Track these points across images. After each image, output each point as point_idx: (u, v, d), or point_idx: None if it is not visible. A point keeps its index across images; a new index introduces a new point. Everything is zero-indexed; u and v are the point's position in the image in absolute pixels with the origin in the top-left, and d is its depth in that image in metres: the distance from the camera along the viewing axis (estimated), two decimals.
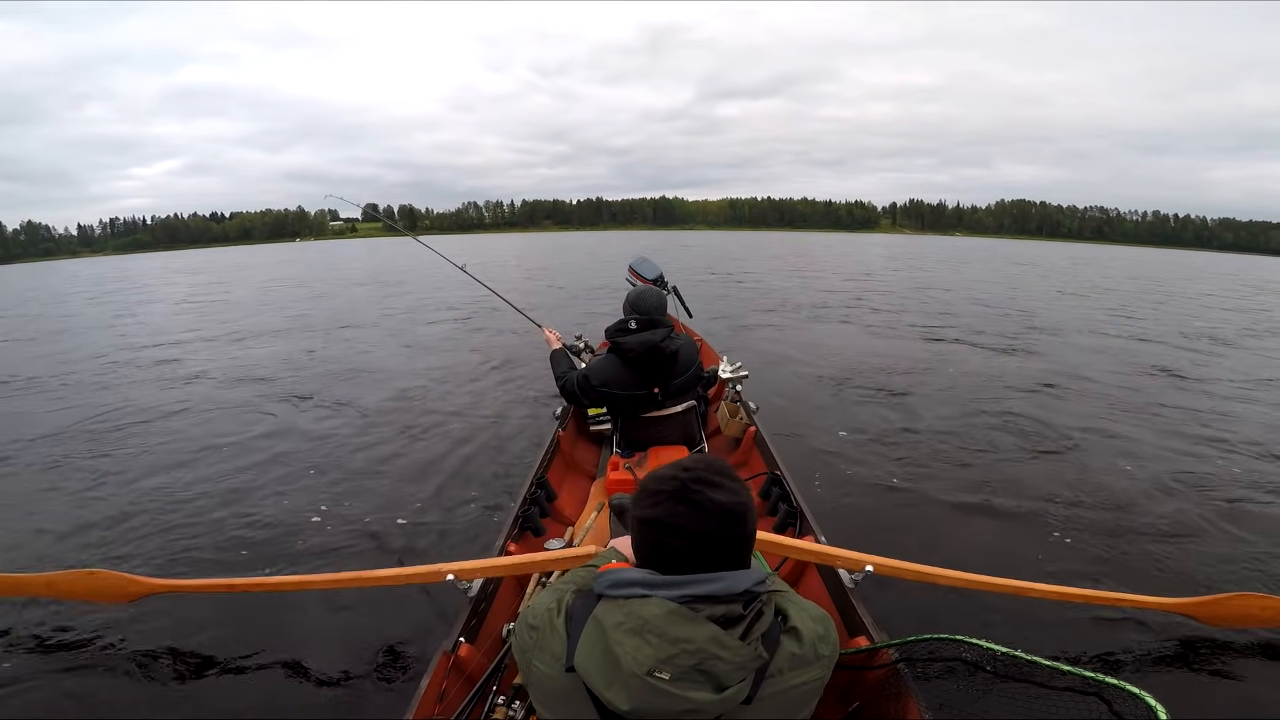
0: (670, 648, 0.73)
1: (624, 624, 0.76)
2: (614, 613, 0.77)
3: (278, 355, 6.99)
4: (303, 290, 15.58)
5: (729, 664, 0.73)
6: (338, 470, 3.54)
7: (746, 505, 0.82)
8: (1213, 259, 55.21)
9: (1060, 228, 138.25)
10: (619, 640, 0.75)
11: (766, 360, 6.16)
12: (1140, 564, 2.45)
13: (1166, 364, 6.39)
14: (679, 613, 0.75)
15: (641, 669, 0.73)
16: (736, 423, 2.84)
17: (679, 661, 0.73)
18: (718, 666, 0.73)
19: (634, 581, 0.79)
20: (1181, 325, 9.41)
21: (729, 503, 0.79)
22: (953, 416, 4.41)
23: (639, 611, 0.76)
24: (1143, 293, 15.23)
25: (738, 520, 0.80)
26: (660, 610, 0.75)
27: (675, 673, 0.73)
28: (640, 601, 0.77)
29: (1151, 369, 6.16)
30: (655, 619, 0.74)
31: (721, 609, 0.76)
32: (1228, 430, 4.21)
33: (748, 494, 0.83)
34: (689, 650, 0.73)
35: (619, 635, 0.75)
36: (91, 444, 4.09)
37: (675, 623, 0.74)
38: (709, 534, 0.78)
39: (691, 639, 0.73)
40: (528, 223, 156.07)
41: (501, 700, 1.29)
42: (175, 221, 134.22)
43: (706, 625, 0.74)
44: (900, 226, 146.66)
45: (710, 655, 0.73)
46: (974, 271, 20.84)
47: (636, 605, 0.76)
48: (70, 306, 14.36)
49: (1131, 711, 0.84)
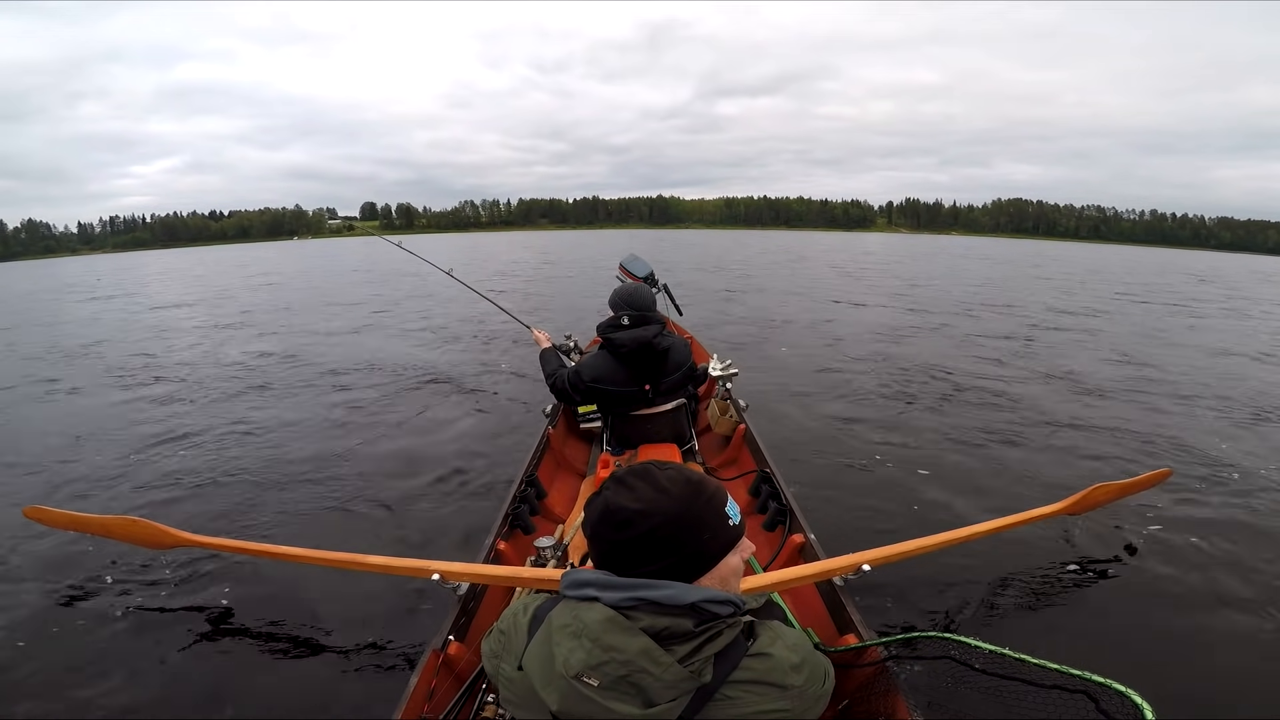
0: (601, 654, 0.72)
1: (568, 626, 0.76)
2: (564, 614, 0.78)
3: (259, 350, 6.98)
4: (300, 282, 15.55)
5: (658, 680, 0.72)
6: (320, 461, 3.55)
7: (641, 512, 0.78)
8: (1199, 257, 55.75)
9: (1057, 227, 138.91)
10: (559, 641, 0.76)
11: (757, 358, 6.21)
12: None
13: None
14: (615, 621, 0.74)
15: (570, 672, 0.73)
16: (726, 420, 2.83)
17: (608, 670, 0.72)
18: (646, 681, 0.71)
19: (588, 582, 0.79)
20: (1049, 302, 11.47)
21: (633, 508, 0.78)
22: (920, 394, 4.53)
23: (582, 615, 0.76)
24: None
25: (621, 525, 0.78)
26: (599, 616, 0.75)
27: (604, 680, 0.72)
28: (587, 605, 0.77)
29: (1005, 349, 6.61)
30: (592, 624, 0.74)
31: (665, 621, 0.74)
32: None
33: (676, 502, 0.79)
34: (619, 660, 0.72)
35: (560, 636, 0.76)
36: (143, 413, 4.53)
37: (609, 630, 0.73)
38: (619, 542, 0.79)
39: (622, 649, 0.72)
40: (524, 221, 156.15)
41: (491, 699, 1.28)
42: (174, 220, 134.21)
43: (640, 637, 0.73)
44: (896, 225, 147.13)
45: (639, 669, 0.72)
46: (926, 265, 21.95)
47: (583, 609, 0.77)
48: (87, 308, 14.26)
49: (1118, 709, 0.83)
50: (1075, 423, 4.23)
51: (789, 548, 1.93)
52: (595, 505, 0.83)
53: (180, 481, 3.29)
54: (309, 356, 6.66)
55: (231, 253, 53.69)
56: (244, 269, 25.00)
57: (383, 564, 1.62)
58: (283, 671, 1.89)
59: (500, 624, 0.90)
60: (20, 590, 2.29)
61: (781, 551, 1.94)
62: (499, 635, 0.89)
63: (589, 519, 0.83)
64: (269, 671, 1.89)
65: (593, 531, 0.82)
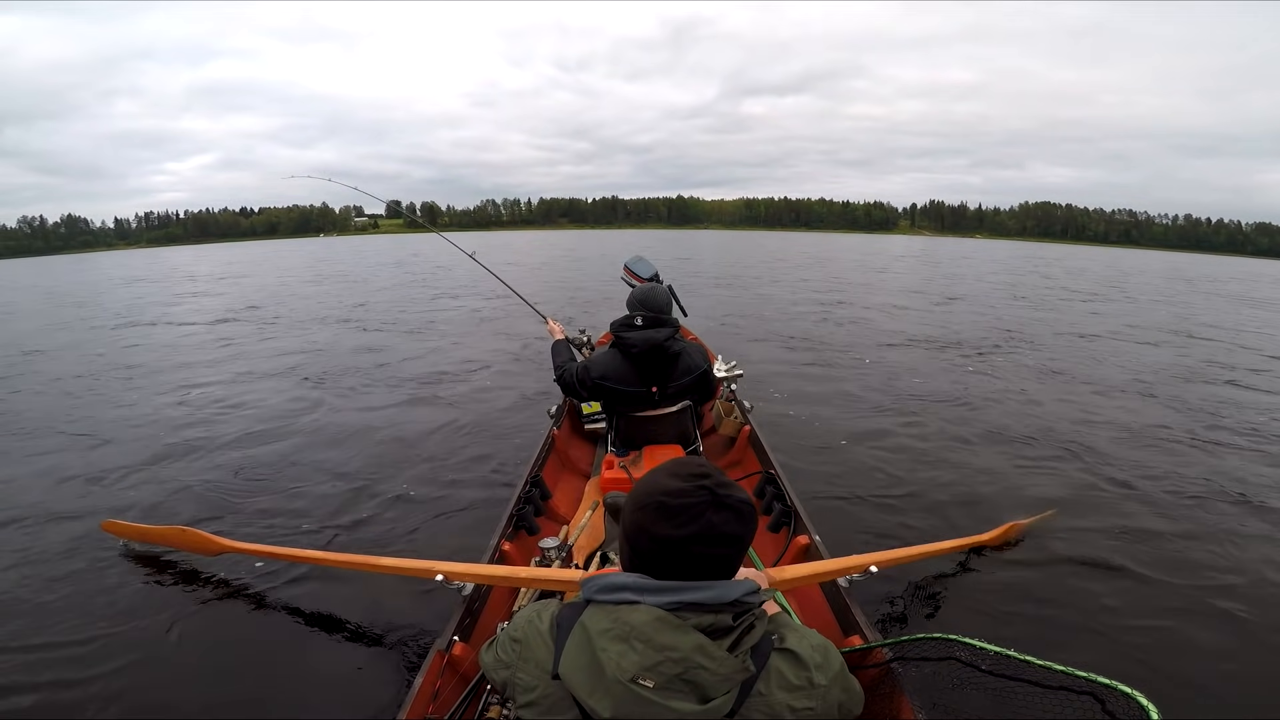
0: (655, 655, 0.72)
1: (610, 630, 0.74)
2: (601, 619, 0.76)
3: (271, 351, 7.14)
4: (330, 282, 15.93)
5: (714, 674, 0.72)
6: (322, 460, 3.59)
7: (748, 502, 0.81)
8: (1225, 263, 54.14)
9: (1085, 231, 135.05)
10: (604, 646, 0.74)
11: (760, 357, 6.20)
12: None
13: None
14: (666, 620, 0.73)
15: (625, 676, 0.71)
16: (731, 422, 2.81)
17: (663, 670, 0.71)
18: (702, 676, 0.72)
19: (624, 586, 0.78)
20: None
21: (749, 499, 0.81)
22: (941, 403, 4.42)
23: (626, 618, 0.74)
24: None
25: (755, 516, 0.82)
26: (648, 617, 0.73)
27: (659, 681, 0.71)
28: (629, 608, 0.75)
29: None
30: (642, 625, 0.73)
31: (710, 618, 0.75)
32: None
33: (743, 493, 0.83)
34: (674, 659, 0.71)
35: (604, 641, 0.74)
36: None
37: (661, 630, 0.73)
38: (746, 535, 0.79)
39: (677, 647, 0.72)
40: (544, 221, 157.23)
41: (495, 699, 1.29)
42: (205, 216, 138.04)
43: (693, 634, 0.73)
44: (919, 228, 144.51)
45: (695, 665, 0.72)
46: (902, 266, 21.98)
47: (624, 612, 0.75)
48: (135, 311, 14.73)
49: (1124, 711, 0.82)
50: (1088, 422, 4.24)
51: (794, 549, 1.92)
52: (739, 510, 0.78)
53: (222, 486, 3.31)
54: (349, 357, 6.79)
55: (266, 249, 55.01)
56: (302, 265, 25.39)
57: (391, 565, 1.65)
58: (288, 671, 1.91)
59: (512, 632, 0.88)
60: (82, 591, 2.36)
61: (786, 553, 1.93)
62: (511, 644, 0.86)
63: (728, 529, 0.78)
64: (276, 671, 1.92)
65: (743, 532, 0.79)
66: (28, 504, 3.07)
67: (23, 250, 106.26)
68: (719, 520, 0.76)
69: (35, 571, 2.46)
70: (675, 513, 0.77)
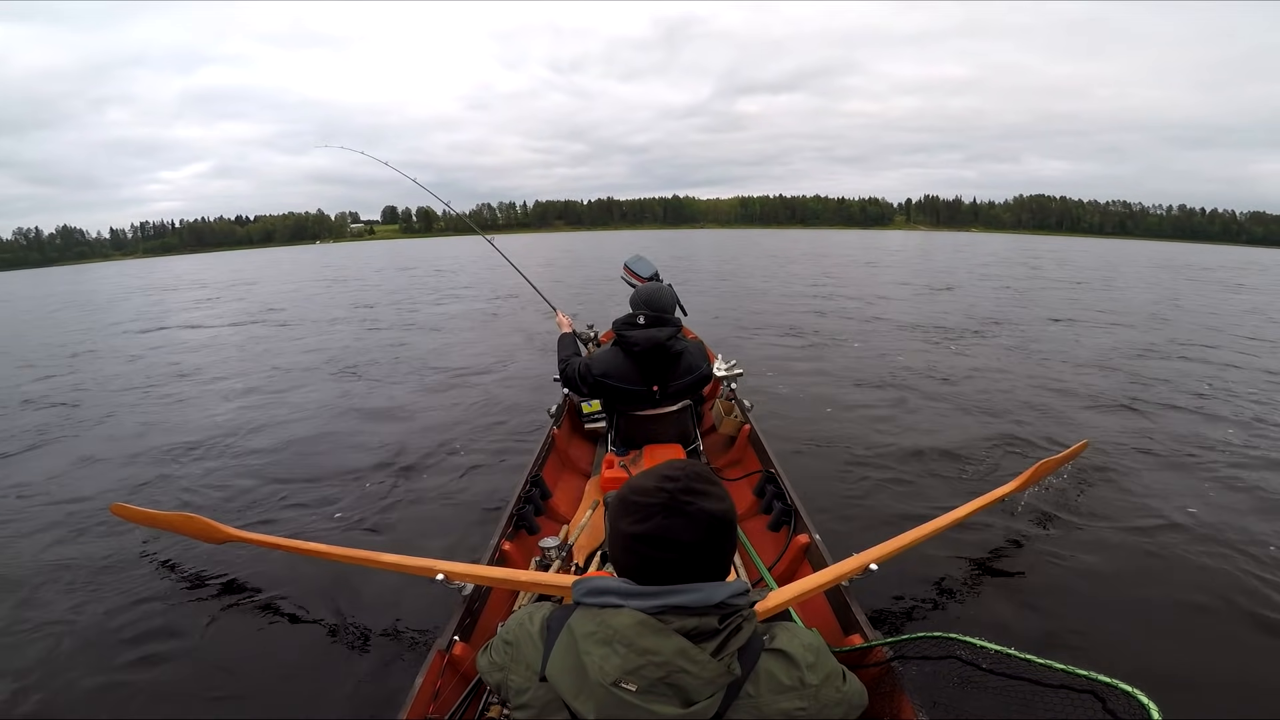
0: (637, 659, 0.72)
1: (595, 633, 0.75)
2: (587, 622, 0.77)
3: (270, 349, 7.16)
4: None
5: (697, 679, 0.72)
6: (323, 457, 3.63)
7: (733, 512, 0.81)
8: (1217, 251, 54.16)
9: (1080, 223, 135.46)
10: (588, 650, 0.74)
11: (761, 357, 6.20)
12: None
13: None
14: (648, 624, 0.74)
15: (607, 679, 0.72)
16: (731, 421, 2.80)
17: (646, 673, 0.72)
18: (685, 680, 0.72)
19: (609, 590, 0.78)
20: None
21: (718, 511, 0.79)
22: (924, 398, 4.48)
23: (609, 621, 0.75)
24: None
25: (728, 528, 0.80)
26: (630, 620, 0.74)
27: (642, 684, 0.72)
28: (612, 612, 0.76)
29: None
30: (624, 629, 0.74)
31: (694, 621, 0.75)
32: None
33: (731, 499, 0.82)
34: (656, 662, 0.72)
35: (589, 645, 0.75)
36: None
37: (643, 633, 0.73)
38: (699, 544, 0.77)
39: (659, 651, 0.72)
40: (540, 223, 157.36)
41: (496, 700, 1.28)
42: (201, 225, 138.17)
43: (675, 638, 0.73)
44: (915, 223, 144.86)
45: (677, 669, 0.72)
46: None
47: (609, 615, 0.76)
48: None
49: (1125, 709, 0.82)
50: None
51: (794, 548, 1.91)
52: (693, 517, 0.78)
53: (228, 471, 3.50)
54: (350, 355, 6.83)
55: (265, 257, 55.20)
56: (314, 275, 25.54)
57: (392, 562, 1.64)
58: (288, 668, 1.91)
59: (504, 634, 0.89)
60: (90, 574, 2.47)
61: (787, 552, 1.92)
62: (504, 646, 0.87)
63: (678, 535, 0.77)
64: (275, 667, 1.92)
65: (696, 540, 0.78)
66: (45, 486, 3.34)
67: (19, 262, 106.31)
68: (670, 525, 0.77)
69: (49, 552, 2.59)
70: (632, 509, 0.79)
